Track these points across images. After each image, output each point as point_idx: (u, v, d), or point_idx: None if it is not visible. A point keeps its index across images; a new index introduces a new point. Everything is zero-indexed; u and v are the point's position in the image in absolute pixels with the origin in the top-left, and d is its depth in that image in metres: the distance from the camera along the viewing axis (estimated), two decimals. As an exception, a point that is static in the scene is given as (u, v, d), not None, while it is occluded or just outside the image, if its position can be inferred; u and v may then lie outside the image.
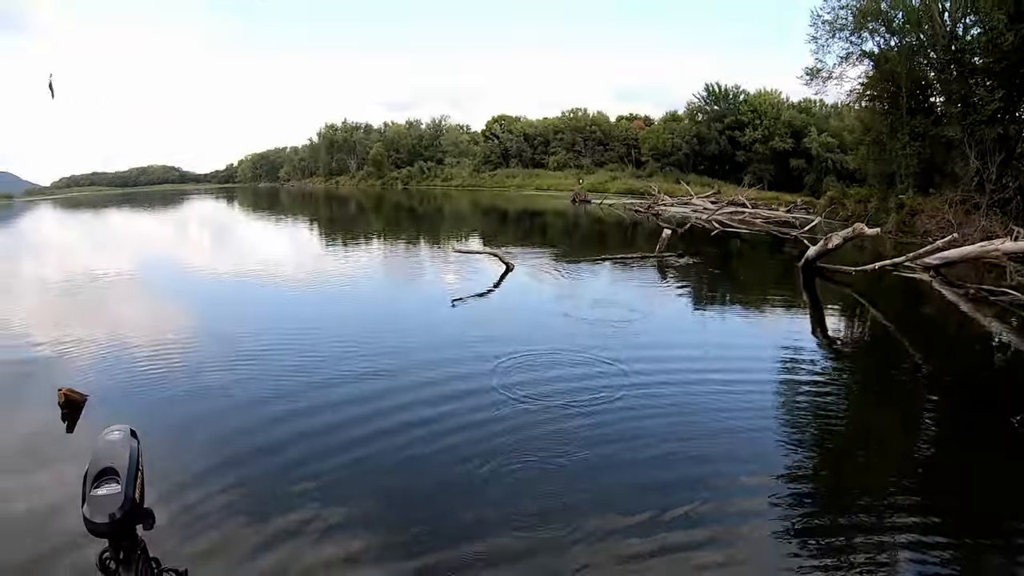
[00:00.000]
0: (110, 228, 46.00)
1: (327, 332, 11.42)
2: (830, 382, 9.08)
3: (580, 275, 18.10)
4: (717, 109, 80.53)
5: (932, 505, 5.58)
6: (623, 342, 10.41)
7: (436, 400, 7.84)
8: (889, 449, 7.04)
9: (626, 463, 6.20)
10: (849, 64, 35.14)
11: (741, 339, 11.35)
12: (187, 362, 9.87)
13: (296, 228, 39.16)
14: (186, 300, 15.22)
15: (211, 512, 5.40)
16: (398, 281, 18.35)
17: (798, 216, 34.45)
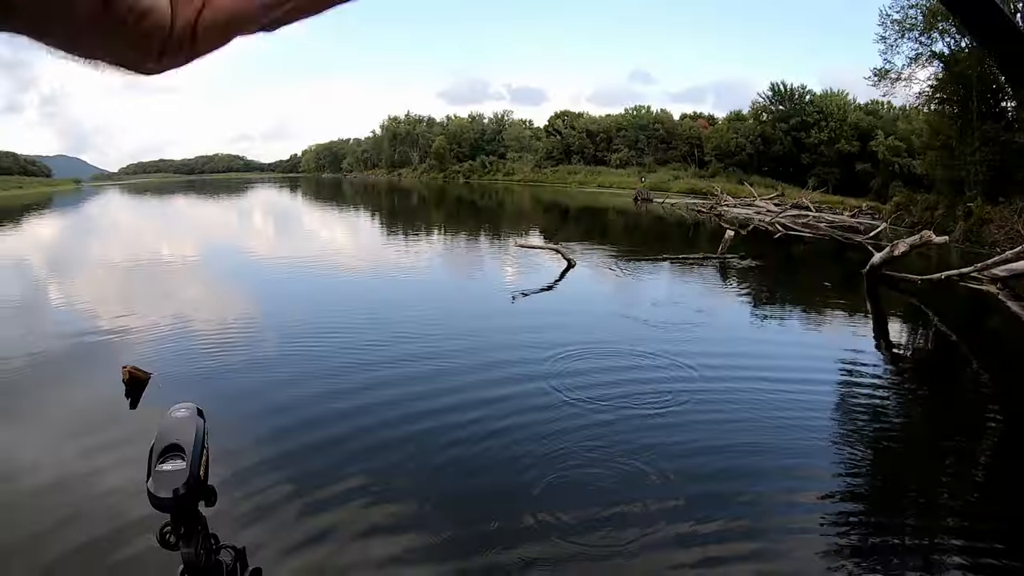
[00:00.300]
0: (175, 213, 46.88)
1: (387, 321, 11.62)
2: (890, 394, 9.03)
3: (640, 274, 18.13)
4: (782, 109, 79.39)
5: (989, 529, 5.52)
6: (681, 344, 10.44)
7: (492, 394, 7.98)
8: (947, 466, 6.98)
9: (678, 469, 6.25)
10: (918, 65, 34.42)
11: (801, 345, 11.31)
12: (249, 344, 10.13)
13: (358, 218, 39.62)
14: (249, 285, 15.55)
15: (269, 493, 5.59)
16: (459, 273, 18.54)
17: (863, 221, 34.00)
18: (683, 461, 6.40)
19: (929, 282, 16.10)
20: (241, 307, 12.80)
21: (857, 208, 41.93)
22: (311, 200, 62.66)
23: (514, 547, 4.97)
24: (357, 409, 7.56)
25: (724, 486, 5.95)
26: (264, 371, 8.89)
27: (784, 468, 6.44)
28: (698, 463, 6.36)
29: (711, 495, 5.75)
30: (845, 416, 7.96)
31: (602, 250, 23.03)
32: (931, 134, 37.36)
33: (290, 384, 8.38)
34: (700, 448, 6.73)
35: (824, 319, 13.47)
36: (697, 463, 6.36)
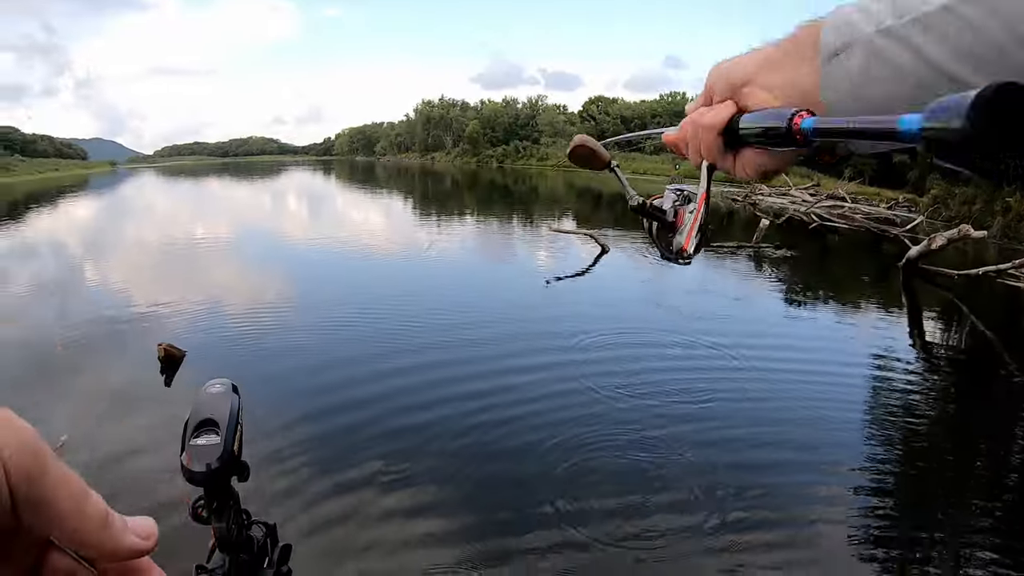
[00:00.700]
0: (209, 195, 47.36)
1: (418, 305, 11.68)
2: (923, 390, 8.95)
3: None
4: (820, 99, 78.80)
5: (1019, 529, 5.51)
6: (712, 334, 10.41)
7: (521, 380, 8.04)
8: (979, 466, 6.96)
9: (704, 459, 6.27)
10: None
11: (834, 337, 11.23)
12: (282, 326, 10.23)
13: (392, 201, 39.77)
14: (283, 267, 15.68)
15: (301, 472, 5.68)
16: (492, 257, 18.58)
17: (899, 214, 33.65)
18: (709, 451, 6.41)
19: (966, 277, 15.90)
20: (275, 288, 12.91)
21: (894, 200, 41.58)
22: (344, 183, 63.05)
23: (533, 531, 5.05)
24: (387, 391, 7.63)
25: (750, 477, 5.96)
26: (297, 352, 8.98)
27: (811, 462, 6.43)
28: (725, 453, 6.38)
29: (737, 486, 5.76)
30: (876, 411, 7.93)
31: (635, 236, 22.95)
32: None
33: (322, 366, 8.47)
34: (727, 438, 6.74)
35: (858, 312, 13.36)
36: (724, 453, 6.38)
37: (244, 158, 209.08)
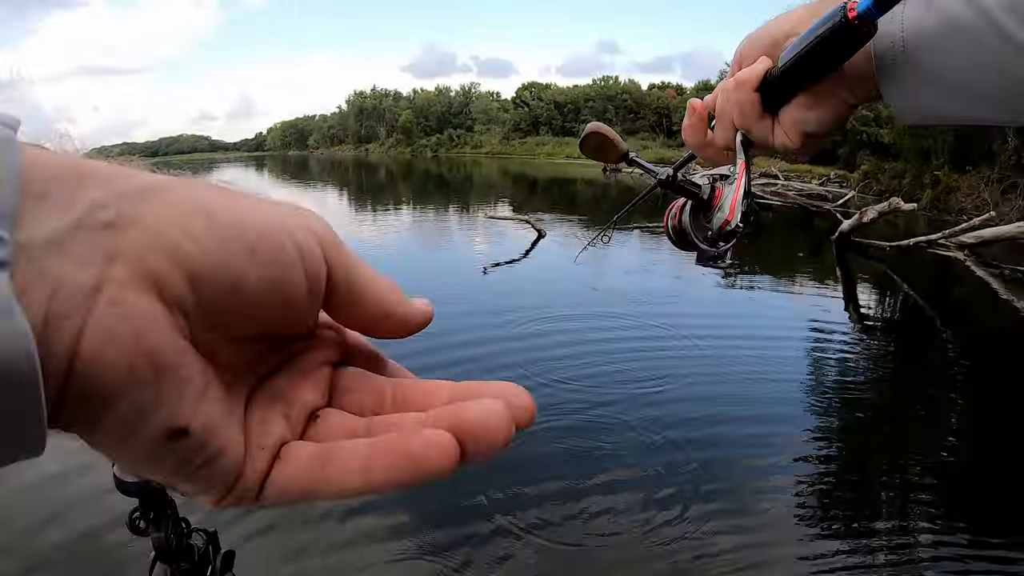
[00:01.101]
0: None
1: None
2: (861, 359, 9.06)
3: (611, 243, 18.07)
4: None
5: (960, 486, 5.63)
6: (650, 313, 10.41)
7: (465, 368, 7.89)
8: (917, 427, 7.02)
9: (646, 439, 6.20)
10: None
11: (772, 312, 11.30)
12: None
13: (326, 196, 39.35)
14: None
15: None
16: (429, 247, 18.43)
17: (831, 190, 34.24)
18: (653, 429, 6.35)
19: (897, 248, 16.18)
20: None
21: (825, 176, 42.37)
22: (278, 179, 62.20)
23: (480, 521, 4.92)
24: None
25: (695, 455, 5.89)
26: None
27: (755, 434, 6.40)
28: (668, 433, 6.31)
29: (680, 464, 5.70)
30: (816, 382, 7.99)
31: (572, 220, 23.03)
32: None
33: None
34: (671, 416, 6.70)
35: (794, 286, 13.48)
36: (667, 433, 6.31)
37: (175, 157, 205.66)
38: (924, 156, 33.22)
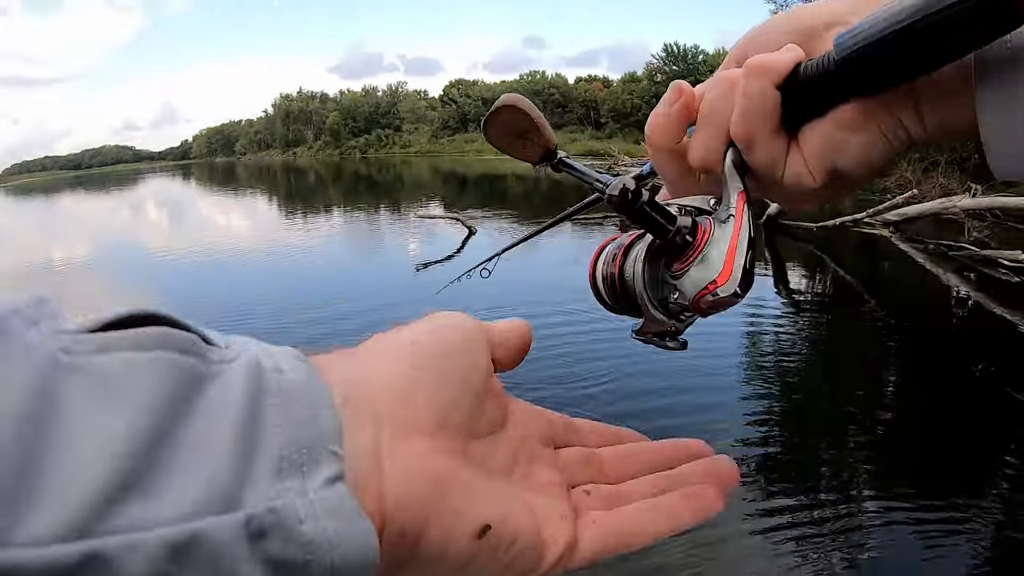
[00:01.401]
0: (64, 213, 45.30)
1: (289, 301, 11.27)
2: (794, 337, 9.16)
3: (542, 236, 18.07)
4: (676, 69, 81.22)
5: (897, 454, 5.72)
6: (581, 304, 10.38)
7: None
8: (851, 400, 7.08)
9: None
10: None
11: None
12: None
13: (255, 202, 38.77)
14: (146, 280, 15.00)
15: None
16: (361, 250, 18.24)
17: (758, 174, 34.69)
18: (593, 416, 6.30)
19: (824, 228, 16.43)
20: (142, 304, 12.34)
21: (752, 162, 42.90)
22: (204, 187, 61.20)
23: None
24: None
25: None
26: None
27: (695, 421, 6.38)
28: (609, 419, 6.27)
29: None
30: (752, 364, 8.02)
31: (503, 215, 22.95)
32: None
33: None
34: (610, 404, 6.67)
35: (725, 270, 13.55)
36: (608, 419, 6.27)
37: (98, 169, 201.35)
38: (847, 138, 33.92)
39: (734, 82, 0.62)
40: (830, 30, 0.60)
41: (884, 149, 0.59)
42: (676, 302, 0.70)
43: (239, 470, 0.34)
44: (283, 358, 0.42)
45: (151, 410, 0.33)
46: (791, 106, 0.60)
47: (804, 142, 0.61)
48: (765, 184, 0.67)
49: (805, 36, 0.61)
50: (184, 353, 0.38)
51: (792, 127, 0.62)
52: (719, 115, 0.63)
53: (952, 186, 24.59)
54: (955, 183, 25.09)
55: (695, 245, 0.67)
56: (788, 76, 0.59)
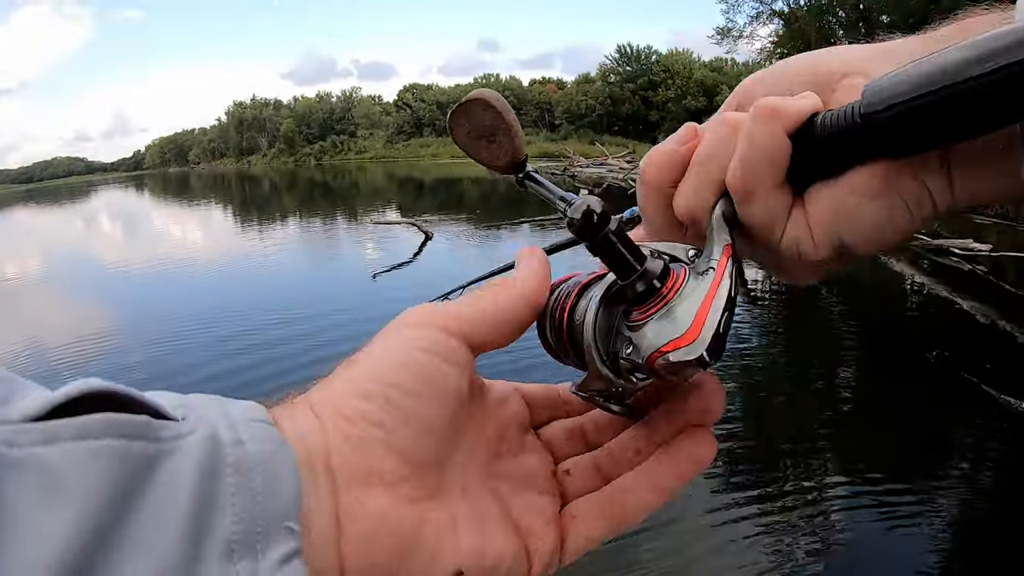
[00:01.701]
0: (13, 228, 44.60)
1: (246, 314, 11.17)
2: (748, 331, 9.23)
3: (499, 239, 18.08)
4: (629, 70, 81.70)
5: (856, 440, 5.82)
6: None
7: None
8: (810, 390, 7.19)
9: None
10: (759, 23, 36.42)
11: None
12: (114, 360, 9.59)
13: (209, 213, 38.38)
14: (104, 296, 14.77)
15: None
16: (317, 258, 18.12)
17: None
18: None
19: (777, 223, 16.64)
20: (97, 322, 12.08)
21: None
22: (158, 198, 60.57)
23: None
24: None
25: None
26: (131, 378, 8.43)
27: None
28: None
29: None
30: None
31: (460, 219, 22.96)
32: None
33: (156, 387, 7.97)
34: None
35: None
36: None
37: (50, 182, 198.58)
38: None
39: (737, 126, 0.55)
40: (845, 80, 0.54)
41: (903, 223, 0.51)
42: (628, 357, 0.55)
43: (187, 560, 0.33)
44: (243, 423, 0.40)
45: (96, 508, 0.31)
46: (801, 160, 0.52)
47: (811, 203, 0.54)
48: (757, 244, 0.58)
49: (820, 84, 0.55)
50: (132, 438, 0.35)
51: (798, 184, 0.54)
52: (715, 160, 0.56)
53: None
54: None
55: (661, 293, 0.56)
56: (803, 125, 0.51)
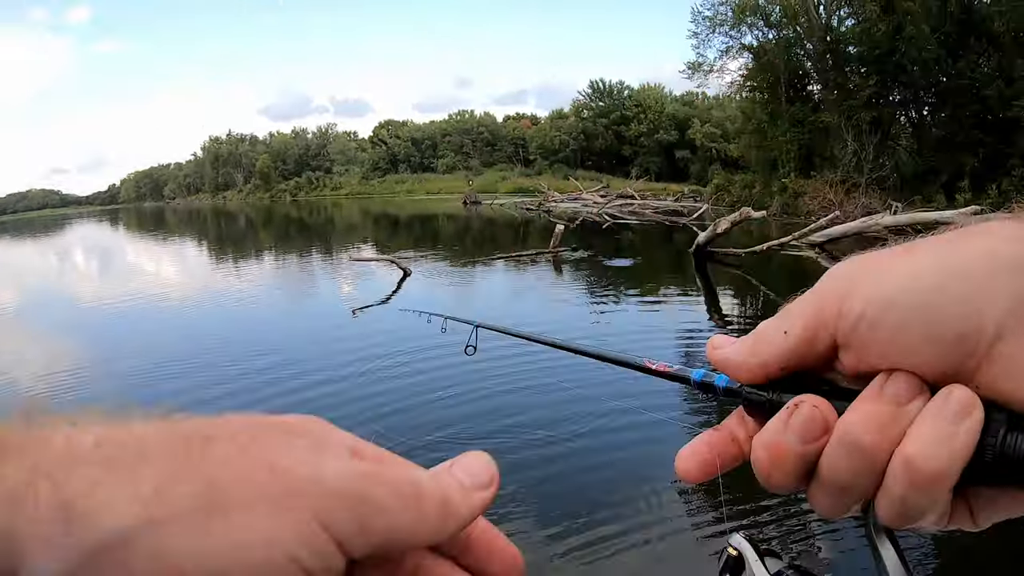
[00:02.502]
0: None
1: (223, 353, 11.06)
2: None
3: (476, 275, 18.16)
4: (602, 105, 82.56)
5: None
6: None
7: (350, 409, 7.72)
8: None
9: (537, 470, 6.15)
10: (729, 57, 37.19)
11: (638, 327, 11.41)
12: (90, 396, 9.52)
13: (184, 249, 38.20)
14: (77, 331, 14.64)
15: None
16: (296, 295, 18.04)
17: (686, 205, 35.57)
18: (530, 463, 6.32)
19: (753, 254, 16.83)
20: (73, 356, 11.99)
21: (680, 193, 43.97)
22: (132, 233, 60.21)
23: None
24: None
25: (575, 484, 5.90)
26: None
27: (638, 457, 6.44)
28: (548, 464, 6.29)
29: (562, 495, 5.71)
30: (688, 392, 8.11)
31: (436, 256, 23.00)
32: (744, 119, 39.89)
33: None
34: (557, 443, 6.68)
35: (659, 299, 13.72)
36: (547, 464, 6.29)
37: (24, 214, 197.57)
38: (771, 166, 35.00)
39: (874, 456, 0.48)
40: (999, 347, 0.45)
41: None
42: None
43: None
44: None
45: None
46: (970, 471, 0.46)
47: (975, 498, 0.50)
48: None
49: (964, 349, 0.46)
50: None
51: (960, 485, 0.47)
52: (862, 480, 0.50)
53: (874, 205, 25.66)
54: (876, 202, 26.12)
55: None
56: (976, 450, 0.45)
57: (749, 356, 0.58)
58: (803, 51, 35.06)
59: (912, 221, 17.78)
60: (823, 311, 0.53)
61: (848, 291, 0.51)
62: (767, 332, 0.58)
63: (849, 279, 0.53)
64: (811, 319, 0.54)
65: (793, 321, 0.55)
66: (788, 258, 17.28)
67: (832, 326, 0.52)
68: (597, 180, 59.33)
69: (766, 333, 0.58)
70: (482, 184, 72.87)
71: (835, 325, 0.52)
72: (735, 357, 0.60)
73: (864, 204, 26.50)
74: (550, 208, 40.04)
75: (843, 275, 0.54)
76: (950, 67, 27.95)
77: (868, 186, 28.24)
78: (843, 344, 0.52)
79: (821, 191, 29.61)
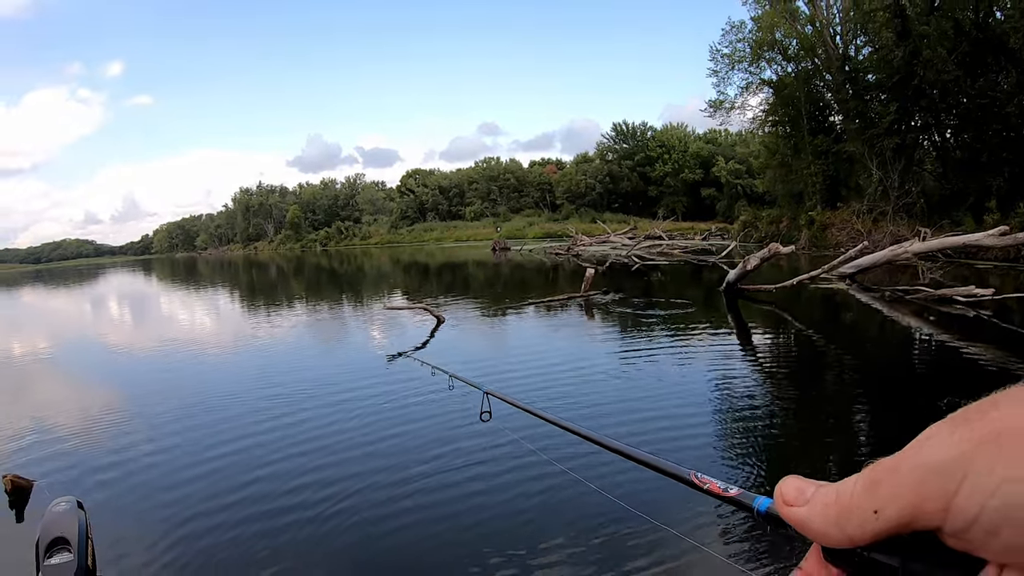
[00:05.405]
0: (24, 307, 44.74)
1: (260, 400, 11.21)
2: (765, 399, 9.30)
3: (509, 321, 18.24)
4: (626, 147, 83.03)
5: None
6: (559, 383, 10.52)
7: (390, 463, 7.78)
8: (821, 443, 7.34)
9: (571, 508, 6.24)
10: (750, 93, 37.38)
11: (674, 367, 11.41)
12: (126, 438, 9.64)
13: (217, 298, 38.56)
14: (112, 376, 14.88)
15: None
16: (333, 343, 18.20)
17: (714, 243, 35.59)
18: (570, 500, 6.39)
19: (783, 289, 16.86)
20: (107, 401, 12.16)
21: (707, 231, 43.97)
22: (166, 282, 60.76)
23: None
24: (236, 486, 7.32)
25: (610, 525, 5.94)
26: (142, 461, 8.50)
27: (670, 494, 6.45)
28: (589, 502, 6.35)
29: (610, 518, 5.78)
30: (726, 427, 8.17)
31: (467, 303, 23.16)
32: (768, 154, 39.88)
33: (175, 470, 8.09)
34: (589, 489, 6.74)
35: (692, 339, 13.73)
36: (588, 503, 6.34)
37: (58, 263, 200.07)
38: (797, 199, 34.98)
39: None
40: None
41: None
42: None
43: None
44: None
45: None
46: None
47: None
48: None
49: None
50: None
51: None
52: None
53: (902, 232, 25.53)
54: (904, 229, 26.00)
55: None
56: None
57: (834, 529, 0.55)
58: (822, 82, 35.24)
59: (942, 246, 17.78)
60: (924, 504, 0.50)
61: (956, 491, 0.48)
62: (853, 507, 0.54)
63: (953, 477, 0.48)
64: (909, 509, 0.50)
65: (886, 503, 0.52)
66: (819, 291, 17.40)
67: (937, 519, 0.49)
68: (624, 222, 59.40)
69: (852, 508, 0.54)
70: (510, 230, 73.32)
71: (941, 519, 0.49)
72: (817, 527, 0.57)
73: (892, 232, 26.50)
74: (579, 252, 40.21)
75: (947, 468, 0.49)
76: (969, 87, 27.92)
77: (895, 213, 28.25)
78: (949, 534, 0.49)
79: (848, 221, 29.66)
